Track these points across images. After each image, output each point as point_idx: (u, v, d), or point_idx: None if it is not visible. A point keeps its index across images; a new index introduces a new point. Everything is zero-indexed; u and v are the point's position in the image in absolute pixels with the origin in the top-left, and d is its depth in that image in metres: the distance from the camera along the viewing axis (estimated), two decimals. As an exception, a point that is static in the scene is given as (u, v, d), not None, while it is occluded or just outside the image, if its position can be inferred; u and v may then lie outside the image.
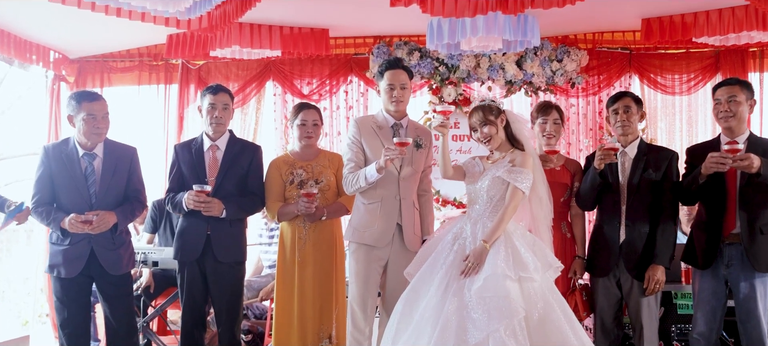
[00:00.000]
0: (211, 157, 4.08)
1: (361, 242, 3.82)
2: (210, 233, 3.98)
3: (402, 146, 3.58)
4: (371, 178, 3.70)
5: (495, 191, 3.48)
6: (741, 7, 5.17)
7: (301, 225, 4.07)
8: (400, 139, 3.60)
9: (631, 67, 6.41)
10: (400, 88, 3.85)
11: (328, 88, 6.73)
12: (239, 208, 4.03)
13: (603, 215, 3.91)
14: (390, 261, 3.85)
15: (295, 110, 4.20)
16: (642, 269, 3.77)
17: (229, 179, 4.04)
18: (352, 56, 6.69)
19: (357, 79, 6.74)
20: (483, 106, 3.58)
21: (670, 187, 3.78)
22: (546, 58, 6.32)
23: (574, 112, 6.51)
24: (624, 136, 3.89)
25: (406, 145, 3.60)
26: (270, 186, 4.14)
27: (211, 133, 4.10)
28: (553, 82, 6.37)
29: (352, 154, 3.86)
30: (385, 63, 3.90)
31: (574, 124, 6.51)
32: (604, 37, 6.37)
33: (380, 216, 3.81)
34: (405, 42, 6.47)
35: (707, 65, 6.30)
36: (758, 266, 3.57)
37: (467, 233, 3.49)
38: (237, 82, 6.76)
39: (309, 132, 4.14)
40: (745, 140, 3.72)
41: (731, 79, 3.86)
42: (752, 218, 3.61)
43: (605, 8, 5.57)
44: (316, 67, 6.73)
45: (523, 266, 3.28)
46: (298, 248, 4.06)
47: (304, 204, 3.90)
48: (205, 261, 4.01)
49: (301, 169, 4.12)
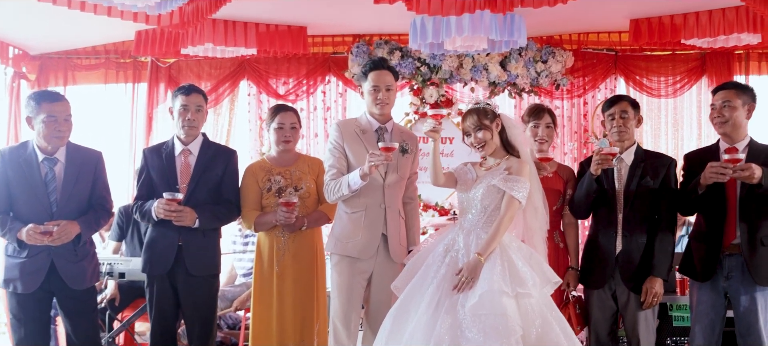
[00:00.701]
0: (183, 162, 3.80)
1: (344, 253, 3.58)
2: (181, 245, 3.71)
3: (388, 152, 3.36)
4: (355, 185, 3.47)
5: (490, 200, 3.28)
6: (731, 8, 5.05)
7: (280, 235, 3.83)
8: (386, 144, 3.38)
9: (616, 68, 6.28)
10: (386, 90, 3.63)
11: (305, 89, 6.49)
12: (213, 217, 3.77)
13: (598, 224, 3.73)
14: (374, 273, 3.63)
15: (272, 113, 3.95)
16: (639, 281, 3.60)
17: (203, 186, 3.77)
18: (330, 55, 6.46)
19: (335, 79, 6.51)
20: (477, 109, 3.37)
21: (668, 195, 3.61)
22: (530, 59, 6.15)
23: (559, 115, 6.34)
24: (620, 142, 3.72)
25: (392, 150, 3.37)
26: (246, 194, 3.88)
27: (182, 136, 3.83)
28: (538, 83, 6.21)
29: (334, 159, 3.63)
30: (370, 63, 3.67)
31: (558, 127, 6.33)
32: (590, 38, 6.24)
33: (364, 226, 3.58)
34: (385, 41, 6.25)
35: (693, 67, 6.19)
36: (759, 279, 3.43)
37: (460, 244, 3.28)
38: (209, 81, 6.48)
39: (287, 136, 3.90)
40: (746, 147, 3.58)
41: (728, 83, 3.71)
42: (753, 228, 3.47)
43: (593, 8, 5.41)
44: (293, 66, 6.48)
45: (520, 282, 3.09)
46: (277, 260, 3.81)
47: (283, 214, 3.65)
48: (177, 274, 3.73)
49: (279, 176, 3.87)
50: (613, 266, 3.63)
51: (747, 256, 3.44)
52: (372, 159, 3.35)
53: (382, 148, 3.35)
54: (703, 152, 3.74)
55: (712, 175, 3.33)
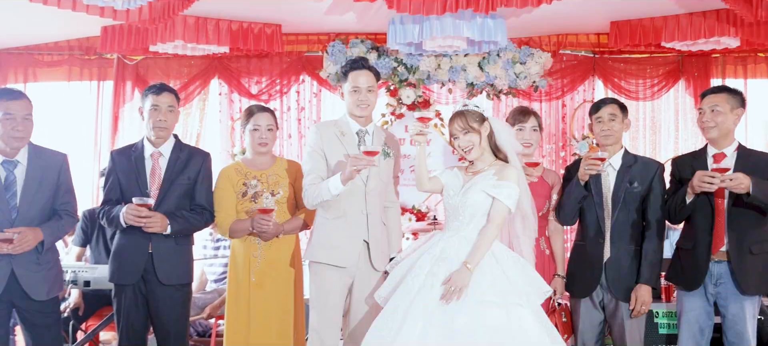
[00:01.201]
0: (154, 165, 3.60)
1: (324, 261, 3.42)
2: (152, 252, 3.51)
3: (371, 156, 3.21)
4: (335, 190, 3.31)
5: (478, 206, 3.15)
6: (711, 11, 5.03)
7: (256, 242, 3.65)
8: (369, 148, 3.23)
9: (595, 71, 6.23)
10: (367, 91, 3.48)
11: (278, 88, 6.32)
12: (186, 223, 3.57)
13: (585, 230, 3.63)
14: (356, 282, 3.47)
15: (247, 114, 3.77)
16: (627, 290, 3.51)
17: (174, 191, 3.58)
18: (304, 54, 6.29)
19: (309, 79, 6.34)
20: (465, 111, 3.25)
21: (657, 201, 3.53)
22: (509, 60, 6.06)
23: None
24: (608, 145, 3.62)
25: (374, 154, 3.22)
26: (220, 199, 3.69)
27: (153, 138, 3.63)
28: (516, 85, 6.13)
29: (313, 163, 3.46)
30: (350, 63, 3.52)
31: (536, 130, 6.27)
32: (569, 39, 6.17)
33: (345, 233, 3.43)
34: (362, 40, 6.11)
35: (670, 70, 6.18)
36: (746, 288, 3.38)
37: (447, 252, 3.14)
38: (179, 79, 6.26)
39: (263, 138, 3.72)
40: (734, 152, 3.52)
41: (717, 87, 3.64)
42: (741, 236, 3.41)
43: (573, 10, 5.34)
44: (266, 65, 6.30)
45: (511, 292, 2.97)
46: (253, 268, 3.64)
47: (260, 222, 3.48)
48: (147, 284, 3.53)
49: (255, 180, 3.69)
50: (600, 274, 3.53)
51: (735, 264, 3.39)
52: (354, 163, 3.20)
53: (365, 152, 3.21)
54: (690, 157, 3.68)
55: (700, 184, 3.27)
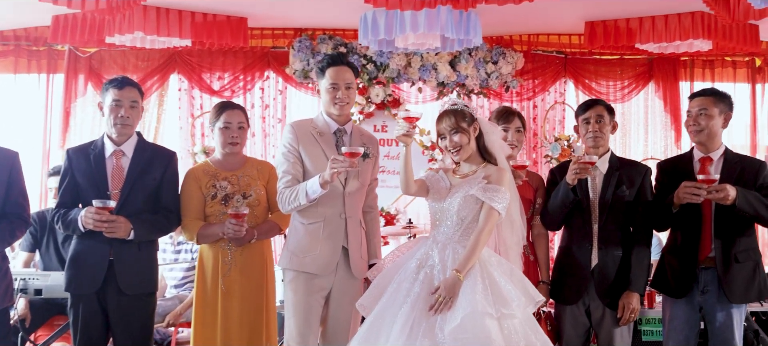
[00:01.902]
0: (115, 165, 3.33)
1: (301, 269, 3.21)
2: (113, 259, 3.24)
3: (352, 157, 3.01)
4: (313, 194, 3.10)
5: (467, 211, 2.99)
6: (686, 14, 5.00)
7: (226, 248, 3.41)
8: (350, 149, 3.02)
9: (566, 71, 6.16)
10: (345, 88, 3.28)
11: (241, 84, 6.06)
12: (151, 227, 3.31)
13: (572, 235, 3.51)
14: (334, 290, 3.28)
15: (217, 111, 3.52)
16: (615, 296, 3.40)
17: (138, 193, 3.31)
18: (269, 49, 6.04)
19: (275, 75, 6.11)
20: (455, 110, 3.08)
21: (644, 206, 3.44)
22: (481, 59, 5.94)
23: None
24: (595, 148, 3.52)
25: (356, 155, 3.02)
26: (188, 201, 3.44)
27: (114, 135, 3.35)
28: (487, 85, 6.01)
29: (289, 165, 3.25)
30: (327, 58, 3.31)
31: (508, 131, 6.16)
32: (540, 39, 6.08)
33: (323, 238, 3.22)
34: (329, 36, 5.90)
35: (641, 72, 6.16)
36: (732, 296, 3.33)
37: (435, 259, 2.98)
38: (136, 74, 5.94)
39: (234, 137, 3.48)
40: (721, 156, 3.46)
41: (706, 89, 3.58)
42: (728, 244, 3.36)
43: (548, 9, 5.24)
44: (229, 59, 6.03)
45: (504, 302, 2.82)
46: (222, 275, 3.40)
47: (232, 227, 3.25)
48: (107, 293, 3.25)
49: (226, 182, 3.45)
50: (587, 281, 3.42)
51: (721, 272, 3.34)
52: (334, 165, 3.00)
53: (345, 153, 3.00)
54: (676, 162, 3.61)
55: (686, 195, 3.21)
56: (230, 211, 3.26)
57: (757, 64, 6.17)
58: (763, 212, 3.26)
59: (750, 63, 6.18)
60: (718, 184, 3.17)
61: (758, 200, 3.25)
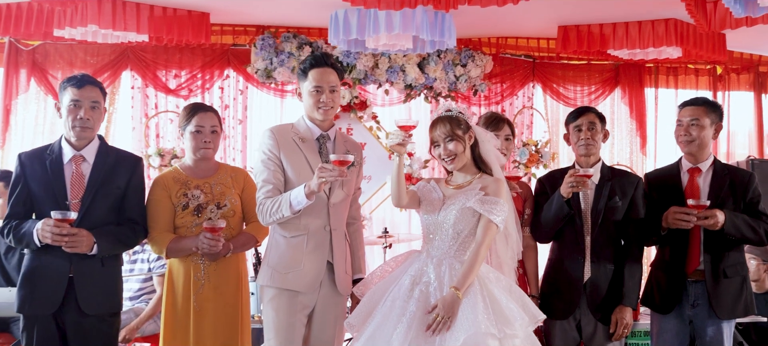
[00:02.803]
0: (75, 172, 3.02)
1: (283, 286, 2.97)
2: (74, 276, 2.94)
3: (342, 165, 2.80)
4: (298, 205, 2.87)
5: (464, 224, 2.83)
6: (660, 21, 4.97)
7: (199, 262, 3.15)
8: (340, 157, 2.81)
9: (534, 76, 6.08)
10: (330, 91, 3.06)
11: (199, 83, 5.74)
12: (116, 241, 3.02)
13: (563, 248, 3.38)
14: (317, 308, 3.06)
15: (188, 113, 3.25)
16: (606, 311, 3.30)
17: (101, 202, 3.02)
18: (229, 47, 5.74)
19: (235, 74, 5.81)
20: (450, 117, 2.91)
21: (637, 218, 3.34)
22: (450, 61, 5.80)
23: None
24: (587, 156, 3.41)
25: (346, 163, 2.81)
26: (156, 211, 3.16)
27: (73, 139, 3.04)
28: (456, 88, 5.87)
29: (269, 173, 3.01)
30: (310, 59, 3.09)
31: (475, 135, 6.05)
32: (509, 42, 5.97)
33: (307, 253, 3.00)
34: (294, 34, 5.64)
35: (607, 78, 6.14)
36: (720, 312, 3.30)
37: (430, 276, 2.81)
38: (85, 70, 5.53)
39: (206, 142, 3.22)
40: (709, 167, 3.42)
41: (697, 98, 3.52)
42: (717, 259, 3.33)
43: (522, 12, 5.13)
44: (186, 56, 5.70)
45: (505, 321, 2.67)
46: (195, 292, 3.13)
47: (207, 242, 2.99)
48: (66, 314, 2.95)
49: (198, 190, 3.19)
50: (580, 295, 3.30)
51: (711, 287, 3.30)
52: (322, 174, 2.77)
53: (334, 161, 2.79)
54: (664, 174, 3.53)
55: (676, 221, 3.20)
56: (205, 224, 3.00)
57: (718, 72, 6.24)
58: (750, 234, 3.29)
59: (711, 71, 6.25)
60: (707, 209, 3.16)
61: (745, 223, 3.26)
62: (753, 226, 3.27)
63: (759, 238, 3.32)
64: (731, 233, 3.22)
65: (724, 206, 3.29)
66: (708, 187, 3.36)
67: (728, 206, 3.30)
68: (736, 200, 3.32)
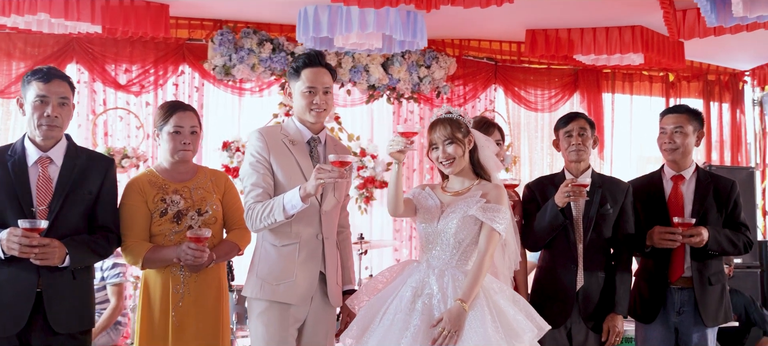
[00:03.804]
0: (41, 175, 2.73)
1: (274, 299, 2.78)
2: (42, 291, 2.65)
3: (342, 166, 2.63)
4: (293, 209, 2.68)
5: (465, 233, 2.72)
6: (627, 27, 5.02)
7: (178, 273, 2.91)
8: (339, 157, 2.64)
9: (496, 79, 6.06)
10: (323, 92, 2.89)
11: (152, 79, 5.42)
12: (89, 251, 2.74)
13: (555, 256, 3.32)
14: (308, 322, 2.89)
15: (166, 112, 3.01)
16: (598, 319, 3.27)
17: (71, 209, 2.73)
18: (185, 41, 5.45)
19: (190, 70, 5.52)
20: (451, 119, 2.80)
21: (628, 224, 3.33)
22: (414, 62, 5.70)
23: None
24: (577, 162, 3.37)
25: (346, 165, 2.64)
26: (131, 218, 2.90)
27: (39, 139, 2.75)
28: (419, 89, 5.78)
29: (259, 177, 2.81)
30: (303, 58, 2.91)
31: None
32: (471, 44, 5.93)
33: (300, 263, 2.82)
34: (254, 30, 5.41)
35: (567, 83, 6.19)
36: (707, 318, 3.33)
37: (433, 288, 2.68)
38: (24, 61, 5.17)
39: (186, 143, 2.99)
40: (693, 173, 3.44)
41: (679, 106, 3.54)
42: (702, 267, 3.36)
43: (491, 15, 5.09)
44: (138, 50, 5.37)
45: (514, 334, 2.58)
46: (173, 306, 2.89)
47: (192, 252, 2.76)
48: (32, 333, 2.65)
49: (177, 196, 2.95)
50: (572, 303, 3.25)
51: (699, 294, 3.33)
52: (321, 175, 2.59)
53: (334, 162, 2.62)
54: (646, 183, 3.52)
55: (662, 241, 3.24)
56: (189, 233, 2.77)
57: (670, 79, 6.40)
58: (730, 249, 3.36)
59: (664, 78, 6.40)
60: (692, 227, 3.20)
61: (727, 239, 3.32)
62: (733, 240, 3.34)
63: (738, 251, 3.41)
64: (714, 249, 3.28)
65: (708, 215, 3.32)
66: (692, 194, 3.39)
67: (712, 215, 3.33)
68: (719, 209, 3.36)
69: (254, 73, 5.42)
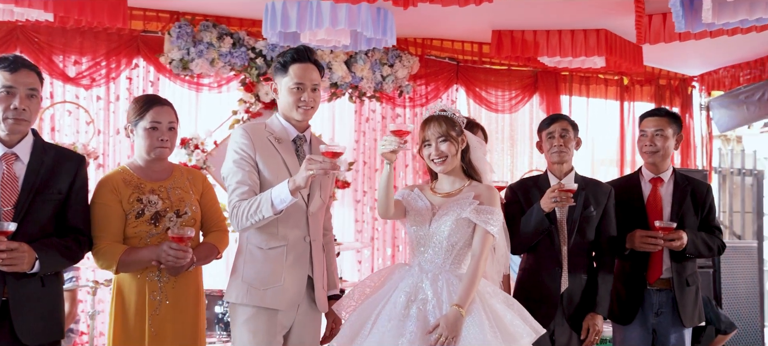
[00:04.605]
0: (6, 173, 2.50)
1: (261, 304, 2.65)
2: (8, 300, 2.43)
3: (334, 157, 2.51)
4: (281, 203, 2.54)
5: (459, 236, 2.66)
6: (592, 30, 5.08)
7: (155, 278, 2.73)
8: (329, 147, 2.51)
9: (458, 79, 6.04)
10: (312, 89, 2.77)
11: (104, 72, 5.15)
12: (59, 256, 2.53)
13: (539, 259, 3.29)
14: (294, 329, 2.77)
15: (141, 107, 2.81)
16: (579, 319, 3.26)
17: (39, 210, 2.52)
18: (139, 33, 5.19)
19: (145, 63, 5.26)
20: (446, 116, 2.74)
21: (610, 226, 3.33)
22: (377, 61, 5.61)
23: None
24: (560, 163, 3.35)
25: (338, 155, 2.52)
26: (104, 218, 2.70)
27: (4, 133, 2.52)
28: (382, 88, 5.70)
29: (244, 174, 2.67)
30: (292, 53, 2.78)
31: (400, 138, 5.90)
32: (434, 44, 5.89)
33: (288, 267, 2.70)
34: (213, 24, 5.20)
35: (527, 84, 6.22)
36: (685, 319, 3.38)
37: (427, 293, 2.61)
38: (-38, 50, 4.78)
39: (163, 140, 2.80)
40: (671, 176, 3.48)
41: (660, 109, 3.58)
42: (681, 268, 3.40)
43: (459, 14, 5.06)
44: (88, 41, 5.09)
45: (512, 339, 2.54)
46: (150, 314, 2.71)
47: (173, 253, 2.59)
48: (-3, 345, 2.45)
49: (155, 196, 2.77)
50: (557, 306, 3.24)
51: (678, 295, 3.37)
52: (312, 166, 2.47)
53: (325, 152, 2.50)
54: (625, 185, 3.53)
55: (643, 245, 3.28)
56: (171, 233, 2.60)
57: (625, 83, 6.53)
58: (706, 252, 3.44)
59: (619, 81, 6.53)
60: (673, 231, 3.23)
61: (703, 242, 3.38)
62: (709, 244, 3.41)
63: (713, 254, 3.49)
64: (691, 252, 3.33)
65: (686, 218, 3.37)
66: (670, 197, 3.43)
67: (689, 218, 3.38)
68: (695, 212, 3.42)
69: (213, 69, 5.22)
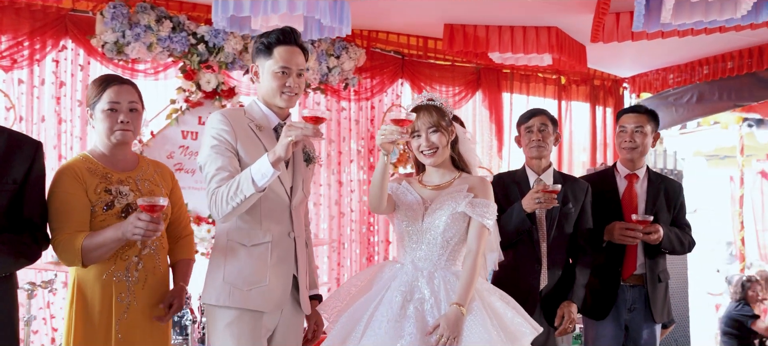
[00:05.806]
0: (-48, 159, 2.17)
1: (246, 306, 2.43)
2: (-42, 305, 2.11)
3: (317, 123, 2.29)
4: (263, 178, 2.30)
5: (454, 231, 2.56)
6: (543, 28, 5.09)
7: (123, 277, 2.45)
8: (313, 113, 2.30)
9: (403, 73, 5.93)
10: (297, 75, 2.58)
11: (27, 53, 4.67)
12: (16, 254, 2.22)
13: (519, 256, 3.22)
14: (278, 331, 2.58)
15: (99, 87, 2.51)
16: (554, 312, 3.22)
17: (-8, 202, 2.21)
18: (68, 12, 4.75)
19: (74, 46, 4.82)
20: (435, 106, 2.65)
21: (587, 222, 3.32)
22: (324, 52, 5.42)
23: (346, 117, 5.75)
24: (538, 158, 3.31)
25: (322, 121, 2.32)
26: (66, 209, 2.38)
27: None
28: (327, 80, 5.51)
29: (225, 160, 2.43)
30: (277, 34, 2.57)
31: (345, 131, 5.74)
32: (379, 36, 5.75)
33: (272, 266, 2.49)
34: (152, 6, 4.84)
35: (470, 81, 6.19)
36: (657, 315, 3.43)
37: (424, 292, 2.48)
38: None
39: (123, 121, 2.50)
40: (645, 173, 3.51)
41: (638, 106, 3.60)
42: (653, 265, 3.44)
43: (412, 6, 4.96)
44: (9, 19, 4.60)
45: (513, 337, 2.47)
46: (117, 319, 2.43)
47: (144, 225, 2.25)
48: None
49: (125, 186, 2.49)
50: (536, 303, 3.19)
51: (651, 291, 3.40)
52: (291, 132, 2.26)
53: (306, 117, 2.28)
54: (600, 181, 3.53)
55: (622, 237, 3.29)
56: (141, 202, 2.24)
57: (563, 82, 6.64)
58: (679, 248, 3.48)
59: (557, 81, 6.62)
60: (650, 225, 3.25)
61: (677, 237, 3.43)
62: (682, 239, 3.45)
63: (685, 250, 3.53)
64: (666, 247, 3.36)
65: (659, 215, 3.40)
66: (644, 194, 3.45)
67: (663, 215, 3.42)
68: (668, 209, 3.46)
69: (150, 54, 4.85)
